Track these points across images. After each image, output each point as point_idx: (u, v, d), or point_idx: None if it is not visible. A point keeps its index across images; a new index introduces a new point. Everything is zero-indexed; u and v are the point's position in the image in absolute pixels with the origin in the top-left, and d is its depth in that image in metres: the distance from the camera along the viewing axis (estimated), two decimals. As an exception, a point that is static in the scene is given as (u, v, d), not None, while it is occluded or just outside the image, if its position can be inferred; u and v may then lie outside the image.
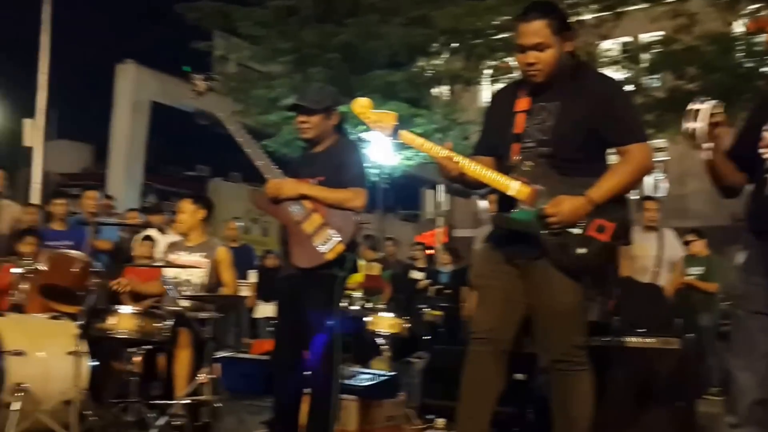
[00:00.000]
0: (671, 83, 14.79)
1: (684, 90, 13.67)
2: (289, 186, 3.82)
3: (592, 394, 3.07)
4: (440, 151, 3.12)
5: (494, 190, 3.18)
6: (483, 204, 6.42)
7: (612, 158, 3.14)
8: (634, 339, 4.32)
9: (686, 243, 7.28)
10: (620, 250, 3.21)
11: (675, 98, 13.26)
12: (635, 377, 4.17)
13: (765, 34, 11.80)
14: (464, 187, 3.39)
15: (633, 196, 3.16)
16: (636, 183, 3.07)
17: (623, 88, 3.46)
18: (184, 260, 4.92)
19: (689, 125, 2.42)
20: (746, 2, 12.28)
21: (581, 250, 2.95)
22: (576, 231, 2.96)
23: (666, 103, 13.53)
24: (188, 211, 5.06)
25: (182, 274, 4.89)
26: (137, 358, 4.65)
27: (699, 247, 7.49)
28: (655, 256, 5.78)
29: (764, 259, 2.40)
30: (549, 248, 2.98)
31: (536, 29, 2.98)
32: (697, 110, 2.42)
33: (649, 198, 6.35)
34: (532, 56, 3.00)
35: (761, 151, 2.44)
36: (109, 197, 8.74)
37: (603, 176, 3.01)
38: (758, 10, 11.75)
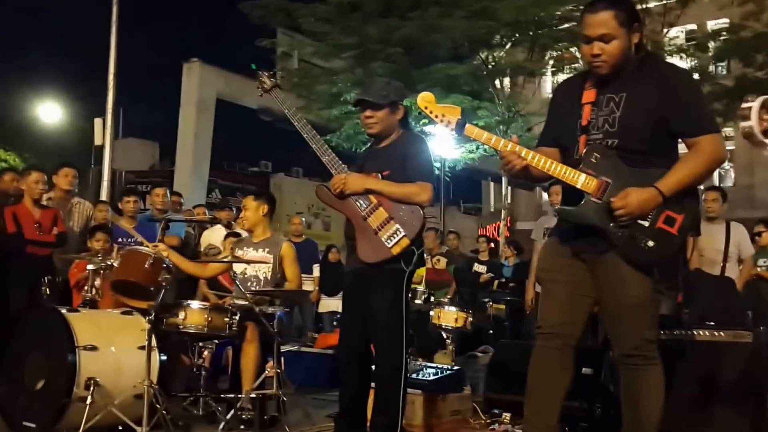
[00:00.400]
0: (739, 71, 14.37)
1: (752, 78, 13.27)
2: (354, 180, 3.82)
3: (662, 388, 3.01)
4: (501, 143, 3.08)
5: (556, 182, 3.12)
6: (545, 196, 6.36)
7: (682, 149, 3.06)
8: (704, 332, 4.20)
9: (756, 234, 7.05)
10: (690, 242, 3.12)
11: (743, 86, 12.90)
12: (705, 371, 4.06)
13: None
14: (527, 180, 3.34)
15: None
16: (707, 175, 2.99)
17: (692, 78, 3.35)
18: (251, 256, 4.99)
19: (744, 124, 2.32)
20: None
21: (650, 243, 2.89)
22: (644, 223, 2.90)
23: (734, 92, 13.16)
24: (251, 208, 5.12)
25: (248, 270, 4.96)
26: (206, 353, 4.75)
27: (768, 238, 7.25)
28: (722, 250, 5.60)
29: None
30: (617, 241, 2.92)
31: (603, 20, 2.90)
32: (749, 108, 2.31)
33: (710, 188, 6.15)
34: (597, 47, 2.94)
35: None
36: (177, 194, 8.89)
37: (672, 168, 2.93)
38: None
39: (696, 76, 14.00)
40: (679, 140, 3.04)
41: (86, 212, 6.75)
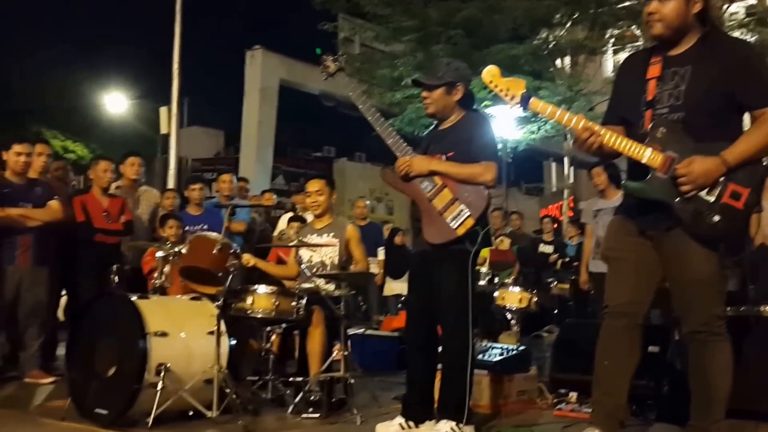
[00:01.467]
0: (801, 46, 13.80)
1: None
2: (419, 162, 3.84)
3: (731, 364, 2.99)
4: (573, 120, 3.05)
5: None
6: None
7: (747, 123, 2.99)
8: (771, 309, 4.09)
9: None
10: (754, 218, 3.06)
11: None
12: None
13: None
14: (598, 157, 3.32)
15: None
16: None
17: (757, 50, 3.26)
18: (317, 242, 5.04)
19: None
20: None
21: (716, 218, 2.85)
22: (710, 198, 2.86)
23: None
24: (326, 193, 5.16)
25: (315, 257, 5.02)
26: (274, 337, 4.83)
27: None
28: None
29: None
30: (683, 217, 2.90)
31: None
32: None
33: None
34: (653, 6, 2.94)
35: None
36: (243, 180, 9.06)
37: (738, 139, 2.88)
38: None
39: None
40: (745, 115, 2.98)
41: (154, 200, 6.89)
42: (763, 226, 5.48)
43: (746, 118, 3.00)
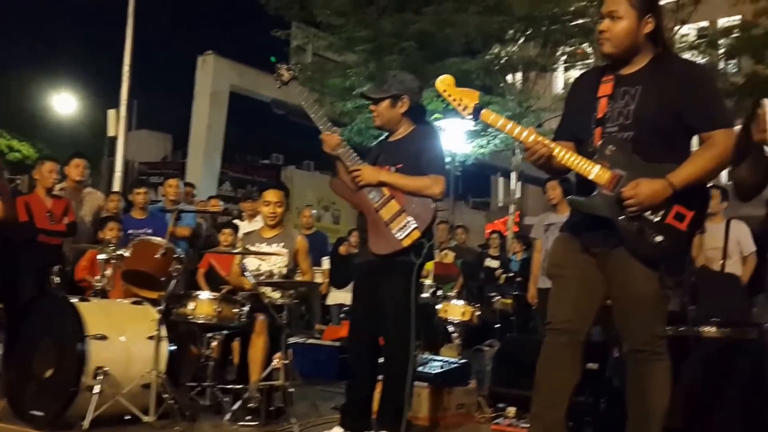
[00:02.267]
0: (750, 68, 14.27)
1: (763, 75, 13.19)
2: (369, 173, 3.86)
3: (669, 383, 3.02)
4: (524, 133, 3.08)
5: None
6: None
7: (695, 145, 3.06)
8: (710, 329, 4.21)
9: None
10: (697, 239, 3.11)
11: (754, 84, 12.82)
12: (711, 368, 4.06)
13: None
14: (548, 172, 3.35)
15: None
16: (719, 170, 2.96)
17: (708, 73, 3.34)
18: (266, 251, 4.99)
19: None
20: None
21: (659, 238, 2.89)
22: (654, 218, 2.90)
23: (745, 89, 13.06)
24: (284, 205, 5.10)
25: (263, 266, 4.98)
26: (215, 343, 4.78)
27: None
28: (721, 247, 5.56)
29: None
30: (626, 236, 2.93)
31: None
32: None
33: (711, 186, 6.11)
34: (604, 24, 2.99)
35: None
36: (190, 185, 8.95)
37: (685, 161, 2.92)
38: None
39: (708, 72, 13.94)
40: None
41: (97, 202, 6.80)
42: (705, 248, 5.64)
43: (695, 139, 3.07)
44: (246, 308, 4.61)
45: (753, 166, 2.38)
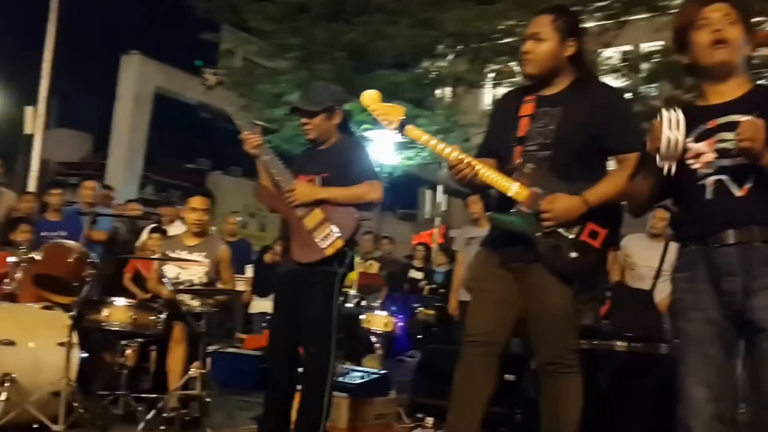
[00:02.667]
0: (669, 93, 14.85)
1: (681, 100, 13.73)
2: (303, 192, 3.81)
3: (581, 396, 3.09)
4: (447, 150, 3.12)
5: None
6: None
7: (611, 166, 3.15)
8: (622, 343, 4.33)
9: None
10: (611, 255, 3.21)
11: (672, 107, 13.35)
12: (622, 381, 4.17)
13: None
14: (469, 188, 3.39)
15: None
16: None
17: (625, 99, 3.48)
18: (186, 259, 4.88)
19: (671, 135, 2.35)
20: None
21: (573, 254, 2.97)
22: (569, 235, 2.98)
23: (663, 112, 13.58)
24: (210, 213, 5.01)
25: (183, 274, 4.87)
26: (129, 351, 4.66)
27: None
28: (656, 267, 5.71)
29: (708, 264, 2.37)
30: (542, 251, 3.00)
31: (540, 21, 3.07)
32: (678, 120, 2.37)
33: (661, 206, 6.30)
34: (528, 45, 3.07)
35: (689, 162, 2.42)
36: (108, 187, 8.71)
37: (600, 181, 3.02)
38: (759, 23, 11.80)
39: (628, 95, 14.44)
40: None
41: (8, 203, 6.54)
42: (639, 265, 5.78)
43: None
44: (163, 316, 4.50)
45: (646, 177, 2.48)
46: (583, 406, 3.09)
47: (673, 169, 2.37)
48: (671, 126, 2.33)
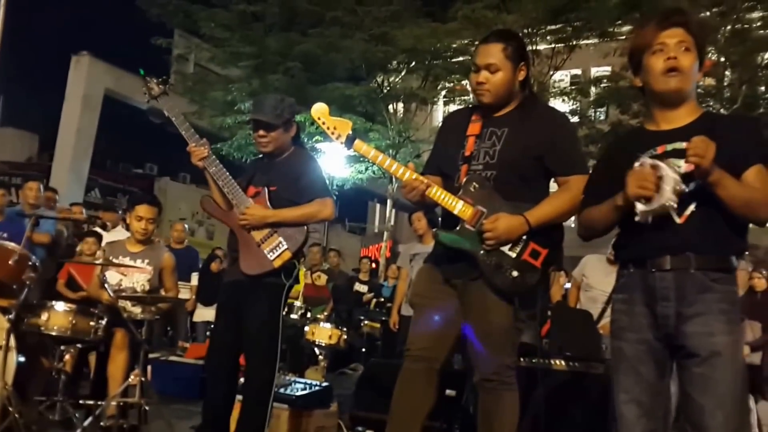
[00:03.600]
0: (615, 117, 15.24)
1: (627, 125, 14.14)
2: (256, 216, 3.79)
3: (516, 412, 3.14)
4: (394, 166, 3.18)
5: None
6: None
7: (554, 187, 3.24)
8: (560, 362, 4.42)
9: None
10: (553, 276, 3.28)
11: (618, 132, 13.75)
12: (559, 399, 4.25)
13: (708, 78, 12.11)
14: (415, 204, 3.44)
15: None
16: (572, 213, 3.12)
17: (569, 121, 3.56)
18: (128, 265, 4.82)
19: (672, 198, 2.27)
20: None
21: (515, 273, 3.03)
22: (511, 254, 3.05)
23: (609, 136, 13.96)
24: (156, 222, 4.96)
25: (125, 281, 4.80)
26: (68, 356, 4.57)
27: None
28: (609, 293, 5.75)
29: (644, 288, 2.43)
30: (484, 269, 3.05)
31: (492, 51, 3.10)
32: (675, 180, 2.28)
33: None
34: (483, 76, 3.11)
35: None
36: (52, 190, 8.50)
37: (542, 202, 3.10)
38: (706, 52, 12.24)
39: (576, 118, 14.79)
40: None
41: None
42: (594, 288, 5.86)
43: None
44: (103, 322, 4.44)
45: (610, 211, 2.51)
46: (519, 423, 3.15)
47: (649, 220, 2.36)
48: (675, 190, 2.29)
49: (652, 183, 2.30)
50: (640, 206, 2.33)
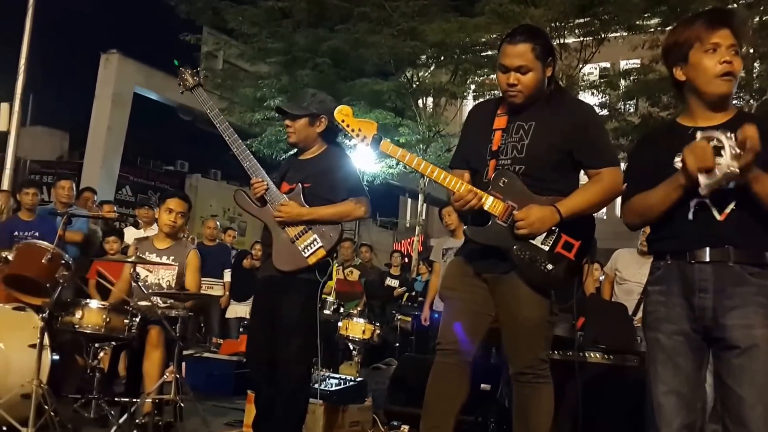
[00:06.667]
0: (645, 110, 15.03)
1: (657, 117, 13.94)
2: (292, 213, 3.79)
3: (552, 405, 3.11)
4: (421, 165, 3.15)
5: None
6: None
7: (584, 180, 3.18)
8: (594, 355, 4.36)
9: None
10: (586, 268, 3.21)
11: (648, 124, 13.55)
12: (594, 392, 4.19)
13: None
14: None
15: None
16: (603, 204, 3.11)
17: (596, 113, 3.50)
18: (155, 262, 4.82)
19: (732, 165, 2.25)
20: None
21: (549, 266, 3.00)
22: (544, 247, 3.01)
23: (639, 129, 13.79)
24: (186, 216, 4.97)
25: (150, 278, 4.80)
26: (103, 354, 4.59)
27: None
28: (644, 284, 5.72)
29: (682, 279, 2.43)
30: (518, 263, 3.02)
31: (521, 52, 3.03)
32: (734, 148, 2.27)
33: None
34: (513, 77, 3.05)
35: None
36: (91, 190, 8.52)
37: (572, 193, 3.06)
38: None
39: (605, 112, 14.62)
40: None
41: None
42: (629, 280, 5.82)
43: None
44: (137, 319, 4.44)
45: (667, 193, 2.46)
46: (555, 416, 3.12)
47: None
48: (733, 155, 2.28)
49: (710, 154, 2.30)
50: (703, 179, 2.32)
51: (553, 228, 3.01)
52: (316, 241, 3.76)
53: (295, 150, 4.16)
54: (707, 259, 2.39)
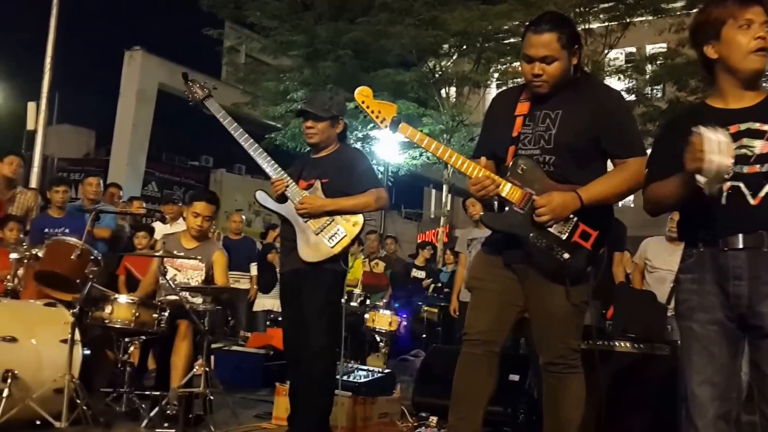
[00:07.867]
0: (673, 95, 14.84)
1: (684, 102, 13.74)
2: (314, 206, 3.87)
3: (583, 396, 3.07)
4: (440, 150, 3.10)
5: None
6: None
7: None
8: (624, 344, 4.31)
9: None
10: (616, 257, 3.17)
11: (676, 109, 13.36)
12: (625, 381, 4.16)
13: None
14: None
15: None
16: (627, 193, 3.03)
17: (624, 100, 3.41)
18: (180, 262, 4.86)
19: (719, 160, 2.14)
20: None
21: (566, 255, 2.95)
22: (562, 236, 2.96)
23: (667, 114, 13.59)
24: (213, 218, 5.03)
25: (179, 276, 4.84)
26: (132, 348, 4.64)
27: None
28: (675, 271, 5.65)
29: (715, 267, 2.36)
30: (534, 251, 2.98)
31: (546, 41, 2.94)
32: (726, 144, 2.16)
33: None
34: (538, 67, 2.97)
35: None
36: (116, 186, 8.61)
37: (596, 180, 2.99)
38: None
39: (632, 97, 14.44)
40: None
41: (27, 203, 6.53)
42: (660, 268, 5.77)
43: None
44: (166, 313, 4.47)
45: (679, 187, 2.39)
46: (586, 406, 3.08)
47: (715, 192, 2.27)
48: (719, 150, 2.15)
49: (699, 152, 2.17)
50: (700, 179, 2.21)
51: (571, 216, 2.95)
52: (341, 230, 3.85)
53: (308, 149, 4.24)
54: (741, 246, 2.32)
